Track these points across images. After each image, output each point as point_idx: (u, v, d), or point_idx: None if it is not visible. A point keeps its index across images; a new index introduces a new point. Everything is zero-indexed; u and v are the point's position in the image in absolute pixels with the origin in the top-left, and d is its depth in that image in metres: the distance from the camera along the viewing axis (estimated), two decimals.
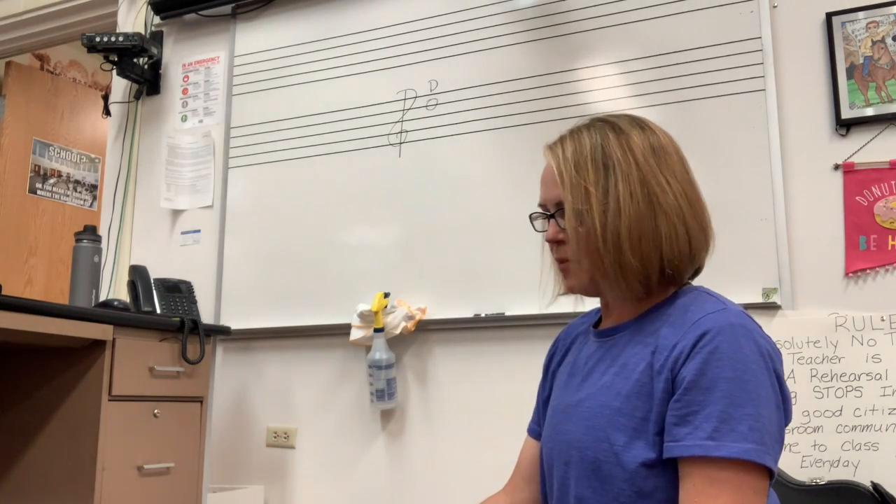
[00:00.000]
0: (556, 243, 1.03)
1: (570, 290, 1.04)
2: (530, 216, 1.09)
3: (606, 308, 1.08)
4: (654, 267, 0.97)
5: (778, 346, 1.79)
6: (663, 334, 0.95)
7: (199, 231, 2.57)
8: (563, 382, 1.08)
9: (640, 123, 1.04)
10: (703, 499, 0.84)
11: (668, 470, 0.90)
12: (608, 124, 1.03)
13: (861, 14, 1.88)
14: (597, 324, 1.11)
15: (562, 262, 1.04)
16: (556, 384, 1.13)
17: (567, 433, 1.01)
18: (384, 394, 2.15)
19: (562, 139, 1.05)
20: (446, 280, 2.16)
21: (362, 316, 2.17)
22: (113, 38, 2.54)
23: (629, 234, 0.96)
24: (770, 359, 0.90)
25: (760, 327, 0.94)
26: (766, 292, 1.84)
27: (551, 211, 1.04)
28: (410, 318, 2.14)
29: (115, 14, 2.87)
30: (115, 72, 2.66)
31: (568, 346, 1.15)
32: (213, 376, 2.08)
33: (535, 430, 1.20)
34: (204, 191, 2.57)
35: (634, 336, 0.99)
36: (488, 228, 2.13)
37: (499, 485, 1.21)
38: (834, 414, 1.74)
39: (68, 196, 3.94)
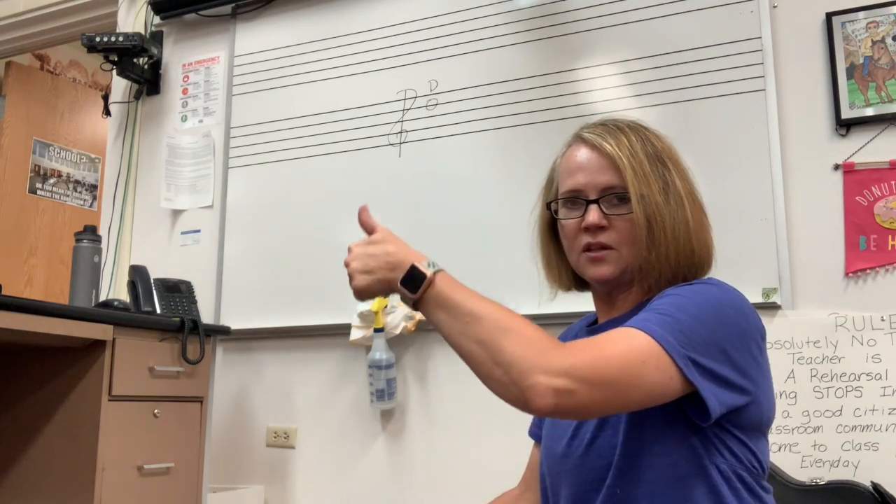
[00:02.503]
0: (598, 229, 1.02)
1: (603, 278, 1.03)
2: (550, 203, 1.08)
3: (603, 311, 1.08)
4: (702, 261, 1.02)
5: (778, 345, 1.80)
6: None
7: (199, 231, 2.57)
8: None
9: (654, 131, 1.08)
10: (596, 341, 0.88)
11: (654, 419, 0.92)
12: (641, 126, 1.06)
13: (861, 14, 1.88)
14: (592, 322, 1.12)
15: (601, 249, 1.02)
16: None
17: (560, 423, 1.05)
18: (384, 394, 2.15)
19: (602, 132, 1.05)
20: None
21: (362, 316, 2.17)
22: (113, 38, 2.54)
23: (687, 227, 1.00)
24: (753, 312, 0.96)
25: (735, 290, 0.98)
26: (766, 292, 1.83)
27: (593, 197, 1.02)
28: (410, 318, 2.14)
29: (115, 14, 2.87)
30: (115, 72, 2.66)
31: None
32: (213, 376, 2.08)
33: (536, 433, 1.21)
34: (204, 191, 2.57)
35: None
36: (488, 228, 2.13)
37: (498, 484, 1.21)
38: (834, 414, 1.74)
39: (68, 196, 3.94)
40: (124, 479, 1.78)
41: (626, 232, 1.00)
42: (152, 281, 2.17)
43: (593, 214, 1.01)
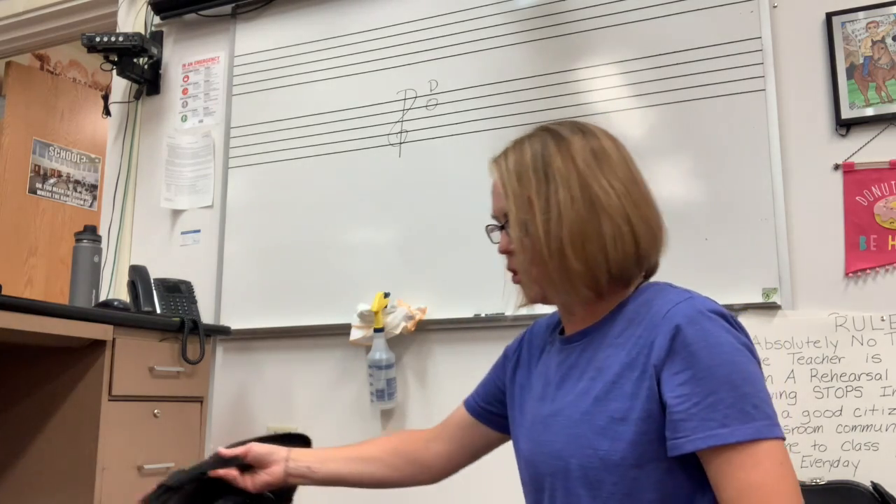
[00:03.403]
0: (507, 254, 1.04)
1: (529, 303, 1.05)
2: (486, 228, 1.10)
3: (567, 313, 1.07)
4: (601, 269, 0.97)
5: (778, 345, 1.80)
6: (636, 333, 0.95)
7: (199, 231, 2.57)
8: (538, 394, 1.07)
9: (581, 129, 1.05)
10: (735, 485, 0.85)
11: (656, 467, 0.90)
12: (549, 132, 1.04)
13: (861, 14, 1.88)
14: (562, 330, 1.11)
15: (514, 274, 1.04)
16: (526, 393, 1.11)
17: (549, 444, 1.00)
18: (384, 394, 2.15)
19: (506, 151, 1.06)
20: (446, 280, 2.16)
21: (362, 316, 2.17)
22: (113, 38, 2.54)
23: (572, 240, 0.96)
24: (742, 335, 0.93)
25: (723, 307, 0.96)
26: (766, 292, 1.84)
27: (501, 223, 1.05)
28: (410, 318, 2.14)
29: (115, 14, 2.87)
30: (115, 72, 2.66)
31: (539, 352, 1.14)
32: (213, 376, 2.09)
33: (473, 406, 1.22)
34: (204, 191, 2.57)
35: (604, 339, 0.99)
36: None
37: (498, 484, 1.21)
38: (834, 414, 1.74)
39: (68, 196, 3.94)
40: (124, 479, 1.78)
41: (528, 253, 1.00)
42: (152, 281, 2.17)
43: (501, 242, 1.05)
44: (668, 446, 0.89)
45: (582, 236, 0.96)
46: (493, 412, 1.20)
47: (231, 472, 1.16)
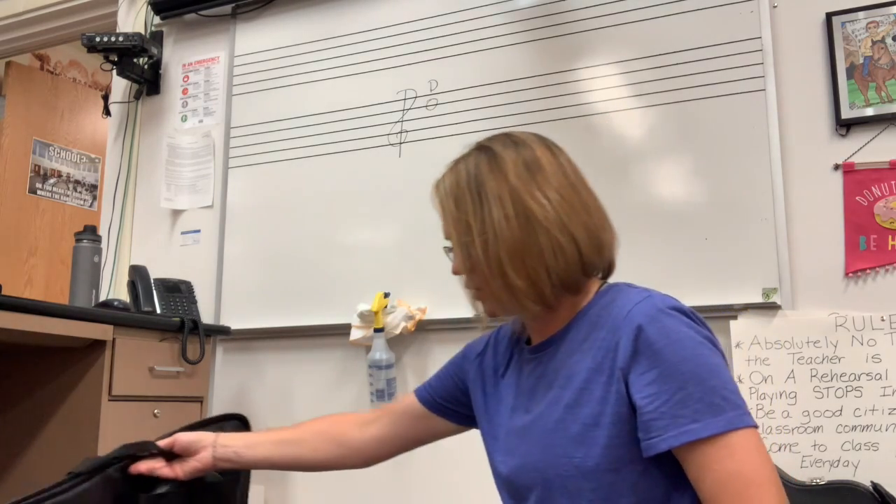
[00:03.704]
0: (459, 275, 1.05)
1: (491, 316, 1.05)
2: (444, 249, 1.10)
3: (530, 322, 1.07)
4: (544, 283, 0.97)
5: (778, 345, 1.80)
6: (600, 337, 0.95)
7: (199, 231, 2.57)
8: (509, 405, 1.07)
9: (514, 141, 1.04)
10: (713, 477, 0.85)
11: (631, 470, 0.90)
12: (482, 150, 1.04)
13: (861, 14, 1.88)
14: (528, 339, 1.10)
15: (476, 291, 1.04)
16: (497, 404, 1.10)
17: (525, 457, 1.00)
18: (384, 394, 2.15)
19: (444, 174, 1.06)
20: (446, 280, 2.14)
21: (362, 316, 2.17)
22: (113, 38, 2.54)
23: (510, 257, 0.96)
24: (703, 329, 0.93)
25: (681, 303, 0.96)
26: (766, 292, 1.84)
27: (450, 246, 1.05)
28: (410, 318, 2.14)
29: (115, 14, 2.87)
30: (115, 72, 2.66)
31: (508, 359, 1.13)
32: (213, 376, 2.09)
33: (428, 399, 1.22)
34: (204, 191, 2.57)
35: (569, 345, 0.99)
36: None
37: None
38: (834, 414, 1.74)
39: (68, 196, 3.94)
40: None
41: (475, 275, 1.02)
42: (152, 281, 2.17)
43: (453, 265, 1.06)
44: (642, 447, 0.89)
45: (520, 253, 0.96)
46: (451, 408, 1.21)
47: (153, 465, 1.15)
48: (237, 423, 1.32)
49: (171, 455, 1.17)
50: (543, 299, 0.98)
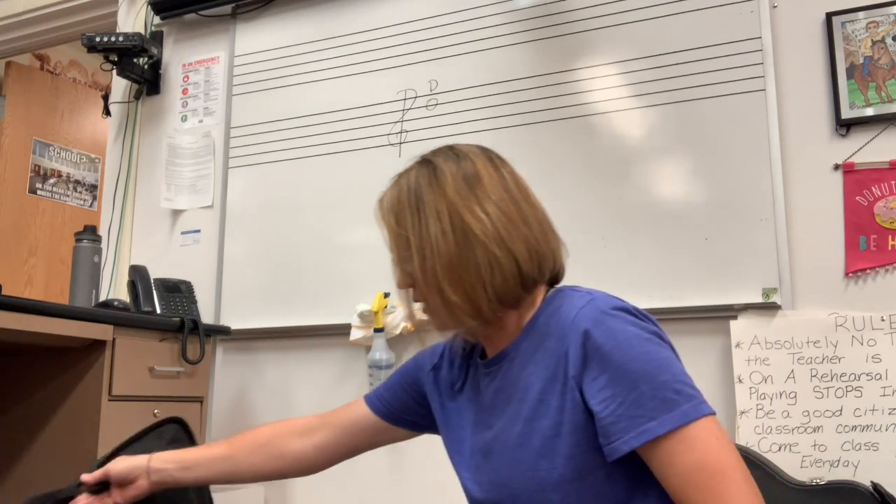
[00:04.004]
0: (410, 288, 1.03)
1: (440, 330, 1.04)
2: (392, 262, 1.08)
3: (483, 336, 1.05)
4: (482, 298, 0.96)
5: (778, 345, 1.80)
6: (550, 346, 0.94)
7: (199, 231, 2.57)
8: (471, 420, 1.06)
9: (456, 153, 1.03)
10: (677, 471, 0.85)
11: (596, 477, 0.90)
12: (425, 163, 1.03)
13: (861, 14, 1.88)
14: (482, 352, 1.09)
15: (423, 305, 1.04)
16: (459, 419, 1.09)
17: (492, 473, 0.99)
18: None
19: (387, 190, 1.05)
20: None
21: (362, 316, 2.17)
22: (113, 38, 2.54)
23: (447, 273, 0.96)
24: (649, 324, 0.93)
25: (625, 302, 0.95)
26: (766, 292, 1.84)
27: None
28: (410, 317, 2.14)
29: (115, 14, 2.87)
30: (115, 72, 2.66)
31: (465, 374, 1.11)
32: (213, 376, 2.09)
33: (380, 409, 1.20)
34: (204, 191, 2.57)
35: (522, 357, 0.99)
36: None
37: None
38: (834, 414, 1.74)
39: (68, 196, 3.94)
40: None
41: (414, 290, 1.02)
42: (152, 281, 2.17)
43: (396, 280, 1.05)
44: (605, 452, 0.89)
45: (457, 268, 0.95)
46: (406, 418, 1.20)
47: (87, 500, 1.16)
48: (176, 426, 1.30)
49: (104, 486, 1.18)
50: (480, 314, 0.96)
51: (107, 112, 2.78)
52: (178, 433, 1.30)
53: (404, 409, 1.20)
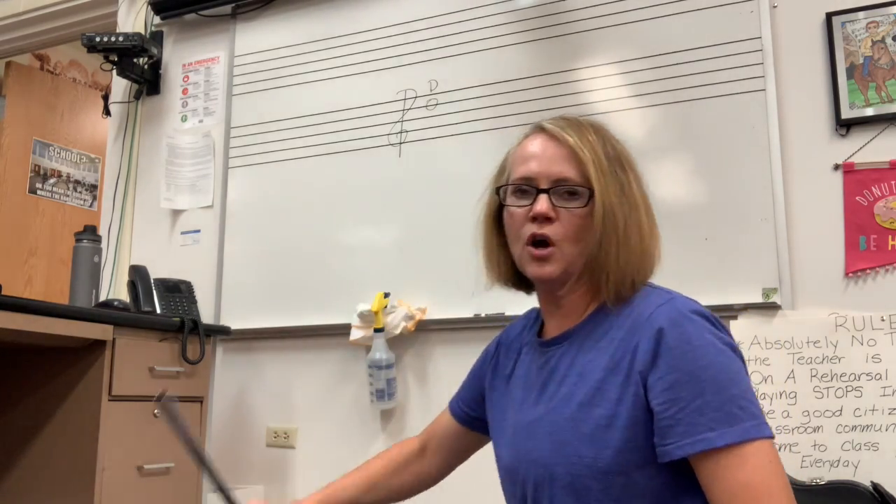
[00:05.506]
0: (546, 220, 0.97)
1: (544, 277, 0.99)
2: (500, 188, 1.04)
3: (549, 312, 1.05)
4: (649, 266, 0.99)
5: (778, 345, 1.80)
6: (619, 337, 0.94)
7: (199, 231, 2.57)
8: (518, 399, 1.06)
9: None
10: (724, 486, 0.85)
11: (643, 474, 0.90)
12: (602, 127, 1.04)
13: (861, 14, 1.88)
14: (539, 331, 1.09)
15: (545, 246, 0.98)
16: (506, 400, 1.10)
17: (532, 452, 0.98)
18: (384, 394, 2.15)
19: (564, 125, 1.02)
20: (446, 280, 2.16)
21: (362, 316, 2.17)
22: (113, 38, 2.54)
23: (640, 231, 0.99)
24: (725, 335, 0.92)
25: (704, 307, 0.95)
26: (766, 292, 1.84)
27: (544, 186, 0.98)
28: (410, 318, 2.14)
29: (115, 14, 2.87)
30: (115, 72, 2.66)
31: (516, 357, 1.12)
32: (213, 376, 2.09)
33: (459, 413, 1.22)
34: (204, 191, 2.57)
35: (585, 342, 0.98)
36: None
37: (497, 484, 1.21)
38: (834, 414, 1.74)
39: (68, 196, 3.94)
40: (124, 479, 1.78)
41: (573, 227, 0.97)
42: (152, 281, 2.17)
43: (542, 204, 0.97)
44: (657, 452, 0.88)
45: (650, 229, 1.01)
46: (477, 417, 1.20)
47: None
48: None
49: None
50: (628, 278, 0.97)
51: (107, 112, 2.78)
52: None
53: (473, 405, 1.21)
